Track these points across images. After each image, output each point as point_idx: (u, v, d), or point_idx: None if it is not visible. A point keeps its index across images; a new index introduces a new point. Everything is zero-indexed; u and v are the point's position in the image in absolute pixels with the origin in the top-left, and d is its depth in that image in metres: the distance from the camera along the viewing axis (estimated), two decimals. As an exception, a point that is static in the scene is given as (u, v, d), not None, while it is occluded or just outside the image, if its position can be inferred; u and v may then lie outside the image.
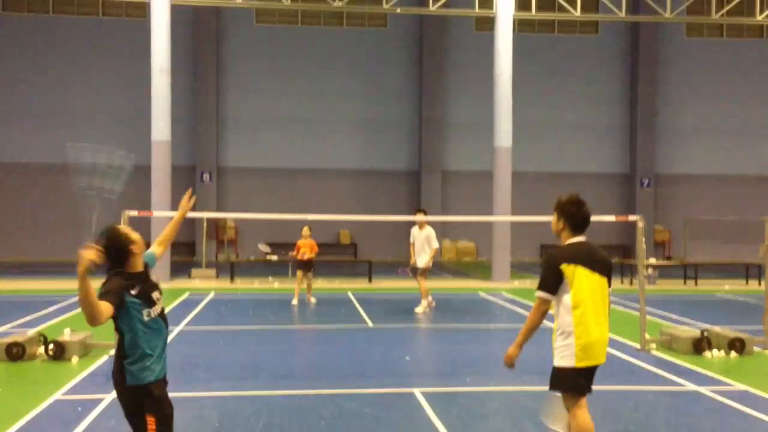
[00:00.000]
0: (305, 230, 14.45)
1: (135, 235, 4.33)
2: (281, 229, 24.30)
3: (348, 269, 22.40)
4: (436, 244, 13.60)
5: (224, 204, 27.07)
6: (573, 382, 4.76)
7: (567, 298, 4.72)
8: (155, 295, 4.27)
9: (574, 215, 4.85)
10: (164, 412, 4.25)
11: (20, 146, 26.52)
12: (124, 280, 4.18)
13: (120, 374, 4.16)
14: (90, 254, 3.96)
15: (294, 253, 14.53)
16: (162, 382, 4.30)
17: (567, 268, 4.70)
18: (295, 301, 14.26)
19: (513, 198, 19.58)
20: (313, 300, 14.54)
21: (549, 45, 28.30)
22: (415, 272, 13.62)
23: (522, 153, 24.73)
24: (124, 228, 4.38)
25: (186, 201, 5.25)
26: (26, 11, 26.55)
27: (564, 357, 4.76)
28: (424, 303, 13.48)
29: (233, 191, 27.32)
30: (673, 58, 28.69)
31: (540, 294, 4.79)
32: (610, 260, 4.96)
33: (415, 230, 13.66)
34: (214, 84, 27.10)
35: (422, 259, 13.40)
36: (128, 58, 25.89)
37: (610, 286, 4.87)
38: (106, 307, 3.97)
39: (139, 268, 4.30)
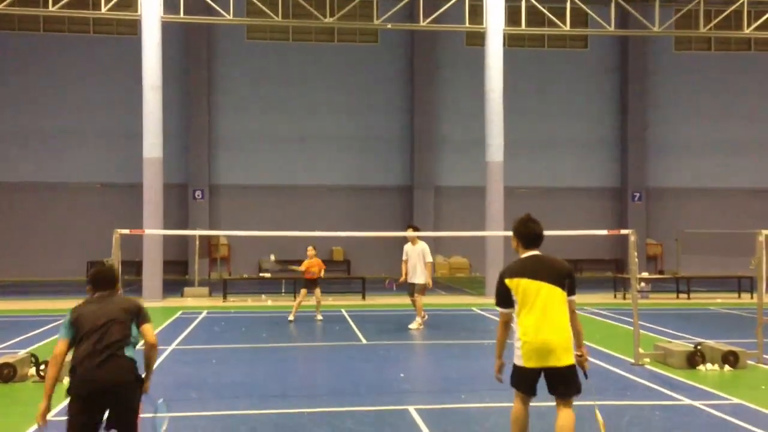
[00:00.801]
0: (311, 250, 14.54)
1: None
2: (274, 246, 24.19)
3: (341, 286, 22.34)
4: (430, 258, 13.49)
5: (217, 222, 27.02)
6: (518, 380, 5.30)
7: (516, 308, 5.26)
8: None
9: (522, 233, 5.42)
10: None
11: (10, 165, 26.42)
12: None
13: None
14: None
15: (301, 269, 14.57)
16: None
17: (511, 282, 5.25)
18: (291, 318, 14.25)
19: (505, 213, 19.60)
20: (319, 317, 14.53)
21: (539, 60, 28.50)
22: (412, 290, 13.41)
23: (514, 168, 24.81)
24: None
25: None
26: (16, 29, 26.57)
27: (516, 357, 5.27)
28: (418, 320, 13.41)
29: (226, 209, 27.27)
30: (662, 72, 28.91)
31: (497, 308, 5.39)
32: (564, 268, 5.30)
33: (408, 247, 13.57)
34: (206, 101, 27.14)
35: (419, 276, 13.28)
36: (119, 76, 25.91)
37: (571, 293, 5.25)
38: None
39: None
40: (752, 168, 29.01)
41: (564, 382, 5.16)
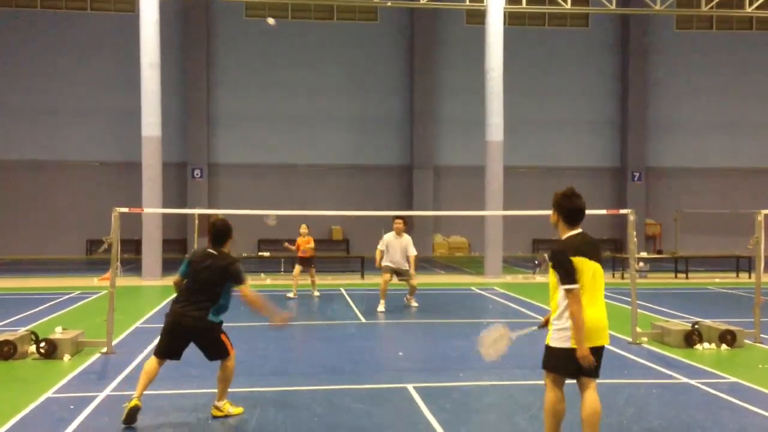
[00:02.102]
0: (303, 228, 14.60)
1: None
2: (272, 226, 24.25)
3: (340, 265, 22.38)
4: (414, 252, 13.10)
5: (216, 200, 27.00)
6: (562, 363, 5.05)
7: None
8: None
9: (567, 208, 5.15)
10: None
11: (8, 143, 26.37)
12: None
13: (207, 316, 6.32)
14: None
15: (294, 248, 14.76)
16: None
17: (576, 260, 5.03)
18: (292, 294, 14.54)
19: (505, 192, 19.60)
20: (317, 293, 14.90)
21: (540, 38, 28.33)
22: (405, 274, 13.11)
23: (514, 147, 24.81)
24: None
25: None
26: (13, 5, 26.37)
27: (560, 339, 5.04)
28: (411, 298, 13.46)
29: (225, 188, 27.25)
30: (663, 51, 28.76)
31: (569, 287, 4.98)
32: (601, 247, 5.34)
33: (391, 238, 12.99)
34: (205, 79, 27.00)
35: (404, 265, 12.96)
36: (117, 54, 25.78)
37: None
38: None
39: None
40: (752, 147, 28.96)
41: (598, 361, 5.07)
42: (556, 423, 5.18)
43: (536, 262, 19.88)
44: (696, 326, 9.87)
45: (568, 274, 4.99)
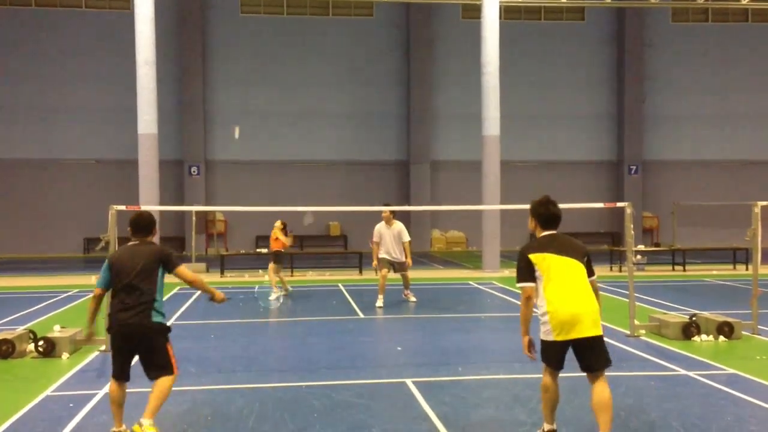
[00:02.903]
0: (279, 224, 14.22)
1: None
2: (271, 222, 24.25)
3: (338, 261, 22.40)
4: (407, 237, 12.88)
5: (213, 198, 26.99)
6: (548, 355, 5.33)
7: (540, 283, 5.29)
8: None
9: (542, 215, 5.50)
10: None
11: (4, 142, 26.33)
12: None
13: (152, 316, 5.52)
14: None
15: (289, 243, 14.48)
16: None
17: (535, 257, 5.30)
18: (283, 292, 14.19)
19: (502, 187, 19.61)
20: (281, 292, 13.99)
21: (536, 32, 28.33)
22: (400, 267, 12.95)
23: (510, 142, 24.80)
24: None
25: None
26: (7, 3, 26.30)
27: (545, 332, 5.30)
28: (409, 293, 13.41)
29: (222, 185, 27.23)
30: (659, 43, 28.77)
31: (519, 285, 5.39)
32: (583, 246, 5.49)
33: (382, 228, 12.77)
34: (201, 76, 26.96)
35: (400, 255, 12.80)
36: (113, 51, 25.72)
37: (592, 273, 5.40)
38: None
39: None
40: (748, 140, 29.00)
41: (594, 353, 5.18)
42: (549, 406, 5.48)
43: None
44: (694, 318, 9.89)
45: (519, 272, 5.36)
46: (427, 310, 12.64)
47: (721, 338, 9.55)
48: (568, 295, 5.17)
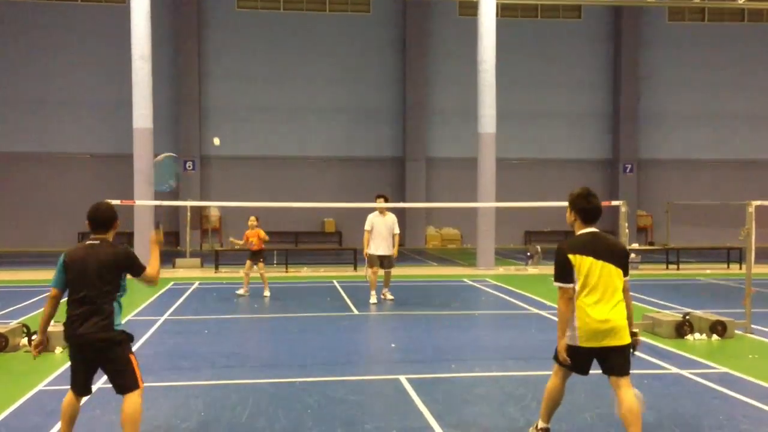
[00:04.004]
0: (252, 220, 13.67)
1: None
2: (265, 217, 24.20)
3: (333, 257, 22.40)
4: (398, 230, 12.87)
5: (208, 193, 26.95)
6: (571, 359, 5.12)
7: (575, 286, 5.07)
8: None
9: (584, 208, 5.25)
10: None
11: (1, 136, 26.22)
12: None
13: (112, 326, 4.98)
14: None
15: (243, 242, 13.82)
16: None
17: (574, 258, 5.06)
18: (241, 291, 13.75)
19: (497, 184, 19.63)
20: (266, 293, 13.63)
21: (532, 30, 28.34)
22: (388, 262, 12.88)
23: (506, 139, 24.83)
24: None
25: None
26: (3, -2, 26.18)
27: (570, 337, 5.11)
28: (387, 291, 13.21)
29: (217, 180, 27.19)
30: (655, 43, 28.82)
31: (556, 284, 5.15)
32: (624, 248, 5.27)
33: (375, 218, 12.68)
34: (196, 71, 26.90)
35: (390, 248, 12.73)
36: (108, 45, 25.65)
37: (626, 273, 5.18)
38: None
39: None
40: (743, 139, 29.08)
41: (619, 360, 5.05)
42: (550, 406, 5.38)
43: (528, 254, 19.94)
44: (687, 317, 9.92)
45: (559, 271, 5.11)
46: (421, 307, 12.65)
47: (714, 337, 9.59)
48: (602, 304, 4.99)
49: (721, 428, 5.87)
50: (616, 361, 5.05)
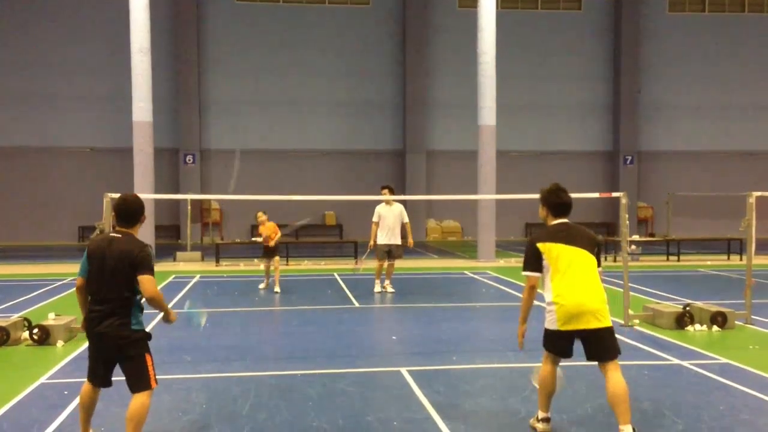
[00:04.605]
0: (260, 215, 13.42)
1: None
2: (266, 211, 24.26)
3: (333, 250, 22.41)
4: (407, 219, 13.08)
5: (208, 186, 26.94)
6: (553, 343, 5.32)
7: (547, 272, 5.27)
8: None
9: (553, 202, 5.44)
10: None
11: (1, 129, 26.20)
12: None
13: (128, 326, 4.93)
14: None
15: (261, 239, 13.53)
16: None
17: (543, 246, 5.27)
18: (263, 285, 13.68)
19: (498, 177, 19.62)
20: (277, 289, 13.32)
21: (532, 22, 28.26)
22: (397, 252, 13.06)
23: (506, 131, 24.81)
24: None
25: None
26: (2, -8, 26.12)
27: (549, 322, 5.29)
28: (388, 282, 13.27)
29: (217, 173, 27.17)
30: (655, 34, 28.75)
31: (524, 273, 5.42)
32: (595, 237, 5.45)
33: (383, 209, 12.90)
34: (196, 64, 26.85)
35: (398, 237, 12.92)
36: (107, 39, 25.60)
37: (599, 263, 5.35)
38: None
39: None
40: (744, 130, 29.05)
41: (601, 344, 5.15)
42: (546, 394, 5.45)
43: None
44: (687, 308, 9.94)
45: (526, 261, 5.37)
46: (422, 300, 12.67)
47: (715, 328, 9.60)
48: (575, 286, 5.13)
49: (722, 419, 5.89)
50: (598, 344, 5.16)
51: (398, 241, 12.97)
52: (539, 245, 5.27)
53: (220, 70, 27.13)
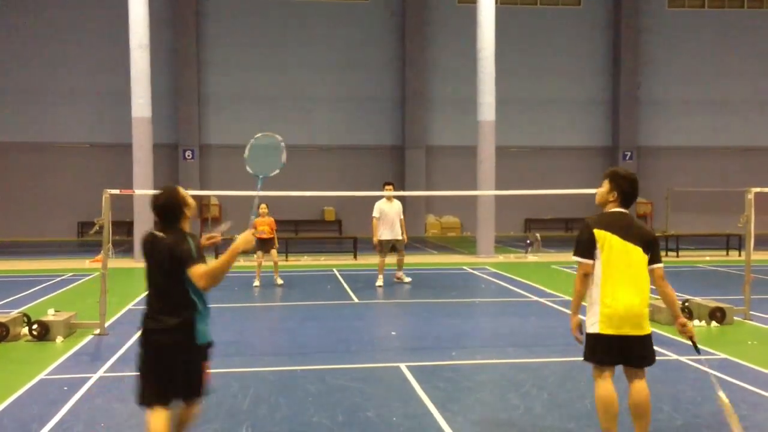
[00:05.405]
0: (263, 207, 13.49)
1: (190, 200, 4.70)
2: (267, 205, 24.25)
3: (333, 246, 22.41)
4: (402, 215, 13.62)
5: (207, 182, 26.92)
6: (595, 350, 4.80)
7: (597, 265, 4.78)
8: None
9: (628, 190, 4.95)
10: None
11: (0, 126, 26.20)
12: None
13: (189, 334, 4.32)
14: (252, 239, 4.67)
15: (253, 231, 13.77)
16: None
17: (599, 234, 4.79)
18: (257, 283, 13.62)
19: (497, 172, 19.61)
20: (279, 281, 13.65)
21: (532, 17, 28.22)
22: (399, 246, 13.53)
23: (506, 127, 24.79)
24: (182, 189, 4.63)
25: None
26: (1, -13, 26.05)
27: (590, 324, 4.81)
28: (402, 274, 13.84)
29: (216, 169, 27.15)
30: (655, 29, 28.71)
31: (575, 258, 4.88)
32: (652, 235, 4.94)
33: (384, 205, 13.34)
34: (195, 59, 26.80)
35: (398, 233, 13.38)
36: (106, 34, 25.54)
37: (655, 261, 4.85)
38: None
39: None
40: (743, 126, 29.03)
41: (643, 351, 4.79)
42: (609, 417, 4.81)
43: (528, 241, 19.95)
44: (686, 304, 9.94)
45: (579, 245, 4.85)
46: (422, 295, 12.68)
47: (714, 323, 9.61)
48: (626, 286, 4.70)
49: (720, 414, 5.88)
50: (636, 352, 4.78)
51: (399, 236, 13.42)
52: (596, 231, 4.78)
53: (220, 66, 27.08)
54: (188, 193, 4.67)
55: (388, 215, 13.28)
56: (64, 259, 18.61)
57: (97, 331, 9.16)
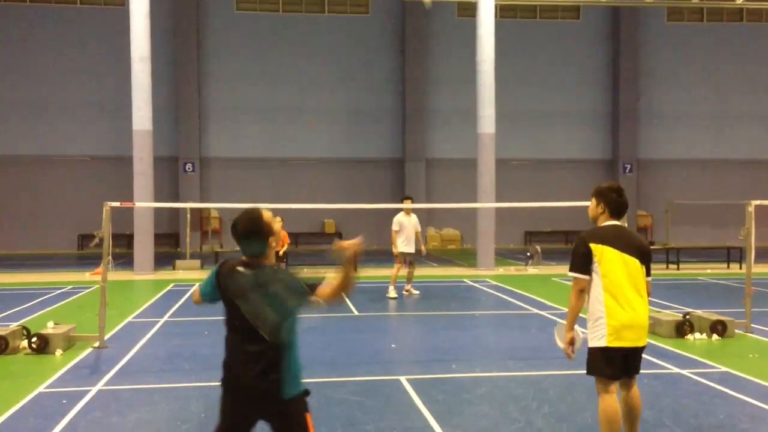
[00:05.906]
0: (278, 221, 13.77)
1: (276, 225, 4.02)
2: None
3: (333, 258, 22.37)
4: (419, 228, 14.16)
5: (208, 194, 26.94)
6: (603, 364, 4.77)
7: (597, 279, 4.77)
8: None
9: (615, 201, 4.95)
10: None
11: (0, 138, 26.22)
12: None
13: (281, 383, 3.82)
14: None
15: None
16: None
17: (596, 248, 4.77)
18: None
19: (497, 185, 19.63)
20: None
21: (531, 30, 28.33)
22: (412, 259, 13.90)
23: (505, 140, 24.85)
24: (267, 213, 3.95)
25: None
26: (2, 0, 26.16)
27: (595, 338, 4.78)
28: (411, 287, 14.11)
29: (216, 181, 27.18)
30: (654, 43, 28.82)
31: (571, 274, 4.87)
32: (647, 246, 4.98)
33: (403, 218, 13.82)
34: (195, 73, 26.89)
35: (415, 245, 13.83)
36: (107, 47, 25.64)
37: (648, 274, 4.90)
38: None
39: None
40: (743, 139, 29.08)
41: (640, 361, 4.91)
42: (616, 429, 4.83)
43: (528, 254, 19.94)
44: (687, 317, 9.92)
45: (576, 260, 4.82)
46: (422, 308, 12.66)
47: (715, 336, 9.59)
48: (629, 298, 4.72)
49: (722, 427, 5.87)
50: (636, 363, 4.88)
51: (413, 249, 13.89)
52: (592, 246, 4.75)
53: (220, 79, 27.17)
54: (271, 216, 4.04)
55: (406, 228, 13.73)
56: (64, 272, 18.59)
57: (97, 344, 9.13)
